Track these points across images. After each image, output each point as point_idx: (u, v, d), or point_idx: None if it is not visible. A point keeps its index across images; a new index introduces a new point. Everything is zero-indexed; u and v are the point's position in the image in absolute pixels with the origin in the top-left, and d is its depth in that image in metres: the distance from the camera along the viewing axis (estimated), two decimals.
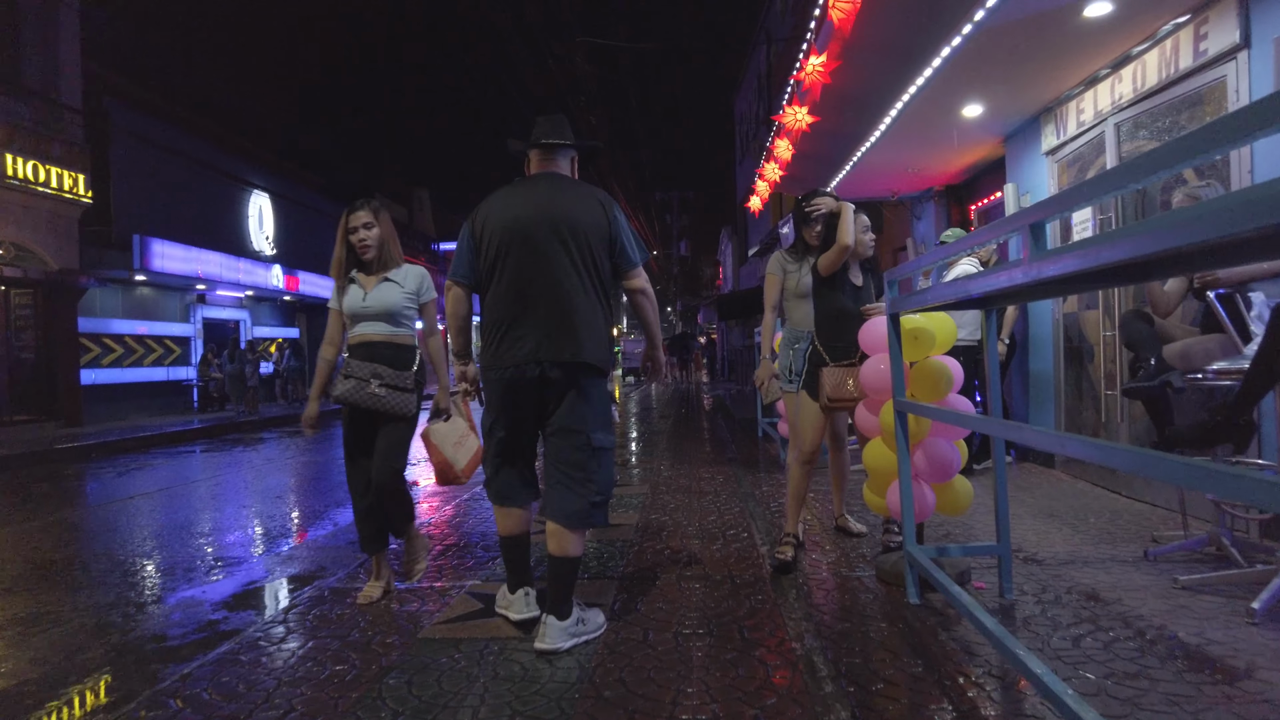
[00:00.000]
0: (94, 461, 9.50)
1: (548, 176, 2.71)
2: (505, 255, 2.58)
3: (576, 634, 2.56)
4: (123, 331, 14.55)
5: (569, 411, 2.57)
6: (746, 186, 23.19)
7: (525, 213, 2.59)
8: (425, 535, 3.74)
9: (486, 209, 2.67)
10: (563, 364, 2.53)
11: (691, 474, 6.09)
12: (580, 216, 2.58)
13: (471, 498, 5.44)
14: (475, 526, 4.51)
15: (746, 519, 4.39)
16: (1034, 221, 1.66)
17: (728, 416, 11.84)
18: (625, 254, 2.65)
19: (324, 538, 4.70)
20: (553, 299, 2.53)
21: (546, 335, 2.52)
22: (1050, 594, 2.91)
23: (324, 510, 5.67)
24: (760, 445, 7.88)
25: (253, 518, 5.46)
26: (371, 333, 3.17)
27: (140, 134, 13.49)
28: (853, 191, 8.56)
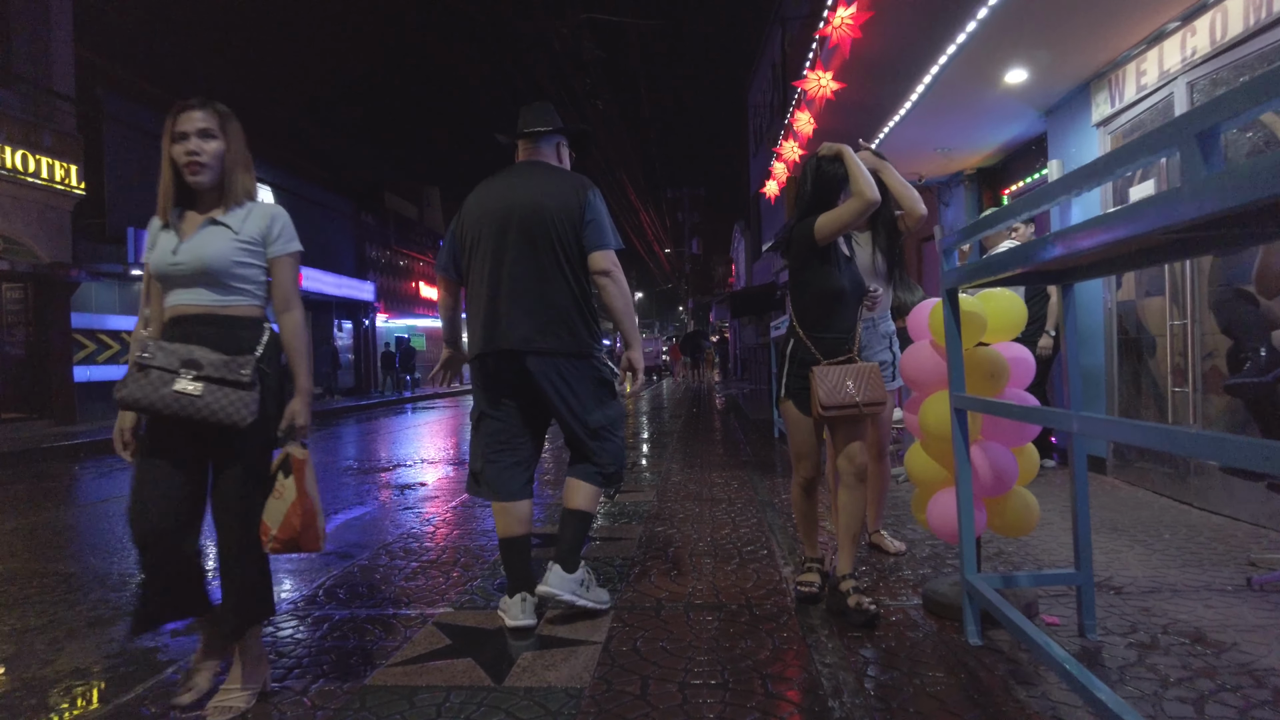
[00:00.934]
0: (80, 461, 9.09)
1: (525, 165, 2.75)
2: (477, 246, 2.65)
3: (578, 594, 2.60)
4: (119, 328, 14.18)
5: (559, 401, 2.61)
6: (761, 177, 22.63)
7: (496, 203, 2.64)
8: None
9: (468, 201, 2.74)
10: (536, 352, 2.55)
11: (703, 479, 5.57)
12: (548, 201, 2.59)
13: (459, 504, 4.94)
14: (456, 539, 4.01)
15: (765, 532, 3.87)
16: (1204, 129, 1.13)
17: (741, 417, 11.30)
18: (590, 233, 2.61)
19: None
20: (522, 287, 2.56)
21: (518, 323, 2.55)
22: (1143, 633, 2.37)
23: None
24: (776, 447, 7.34)
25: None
26: (186, 303, 2.06)
27: (136, 124, 13.10)
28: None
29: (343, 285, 20.96)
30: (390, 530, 4.37)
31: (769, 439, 8.05)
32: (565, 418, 2.63)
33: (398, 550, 3.81)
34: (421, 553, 3.74)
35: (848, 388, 2.53)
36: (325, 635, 2.63)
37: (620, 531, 3.94)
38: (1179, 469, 4.23)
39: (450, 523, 4.42)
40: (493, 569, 3.38)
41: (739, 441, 7.92)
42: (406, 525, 4.45)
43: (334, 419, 14.87)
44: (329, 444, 10.17)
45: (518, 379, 2.60)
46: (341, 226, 22.27)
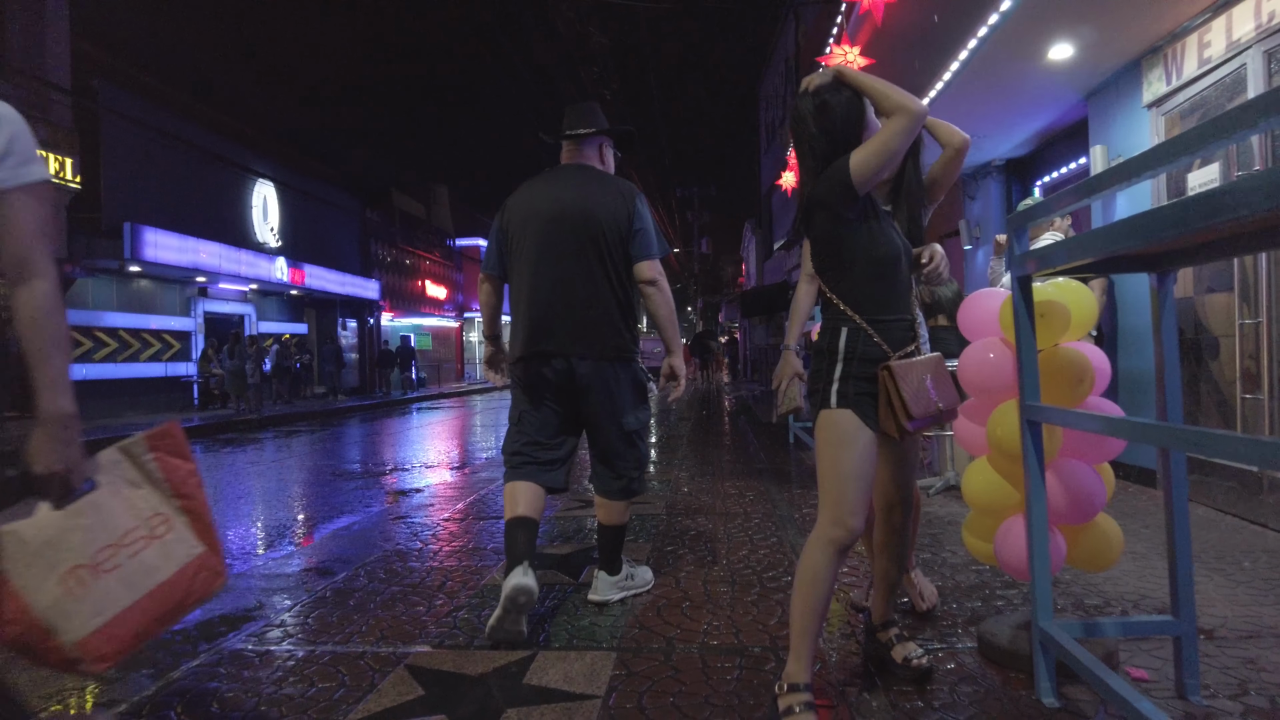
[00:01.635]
0: None
1: (571, 168, 2.75)
2: (524, 249, 2.65)
3: (625, 587, 2.84)
4: (117, 325, 13.89)
5: (598, 406, 2.64)
6: (773, 173, 22.22)
7: (544, 206, 2.64)
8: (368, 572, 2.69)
9: (512, 202, 2.74)
10: (581, 356, 2.58)
11: (715, 489, 5.17)
12: (595, 207, 2.60)
13: (454, 514, 4.56)
14: (445, 557, 3.62)
15: (787, 555, 3.46)
16: None
17: (753, 420, 10.88)
18: (638, 242, 2.64)
19: (272, 562, 3.84)
20: (569, 292, 2.58)
21: (563, 329, 2.57)
22: (1256, 694, 1.95)
23: (280, 528, 4.83)
24: (792, 453, 6.93)
25: None
26: None
27: (134, 117, 12.80)
28: None
29: (347, 283, 20.65)
30: (377, 544, 3.99)
31: (782, 444, 7.64)
32: (603, 420, 2.66)
33: (379, 570, 3.43)
34: (405, 574, 3.35)
35: (928, 391, 1.89)
36: (281, 679, 2.25)
37: (625, 551, 3.54)
38: (1247, 484, 3.80)
39: (441, 537, 4.03)
40: (480, 596, 2.99)
41: (752, 447, 7.51)
42: (394, 539, 4.07)
43: (335, 419, 14.54)
44: (327, 445, 9.83)
45: (560, 381, 2.62)
46: (346, 224, 21.96)
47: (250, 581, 3.50)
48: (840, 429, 1.87)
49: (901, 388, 1.83)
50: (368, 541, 4.11)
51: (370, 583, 3.24)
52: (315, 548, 4.07)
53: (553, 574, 3.26)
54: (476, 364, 34.26)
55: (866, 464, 1.85)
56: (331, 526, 4.96)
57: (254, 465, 8.14)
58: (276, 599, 3.15)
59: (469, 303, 32.73)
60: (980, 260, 7.69)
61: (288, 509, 5.59)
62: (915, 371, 1.89)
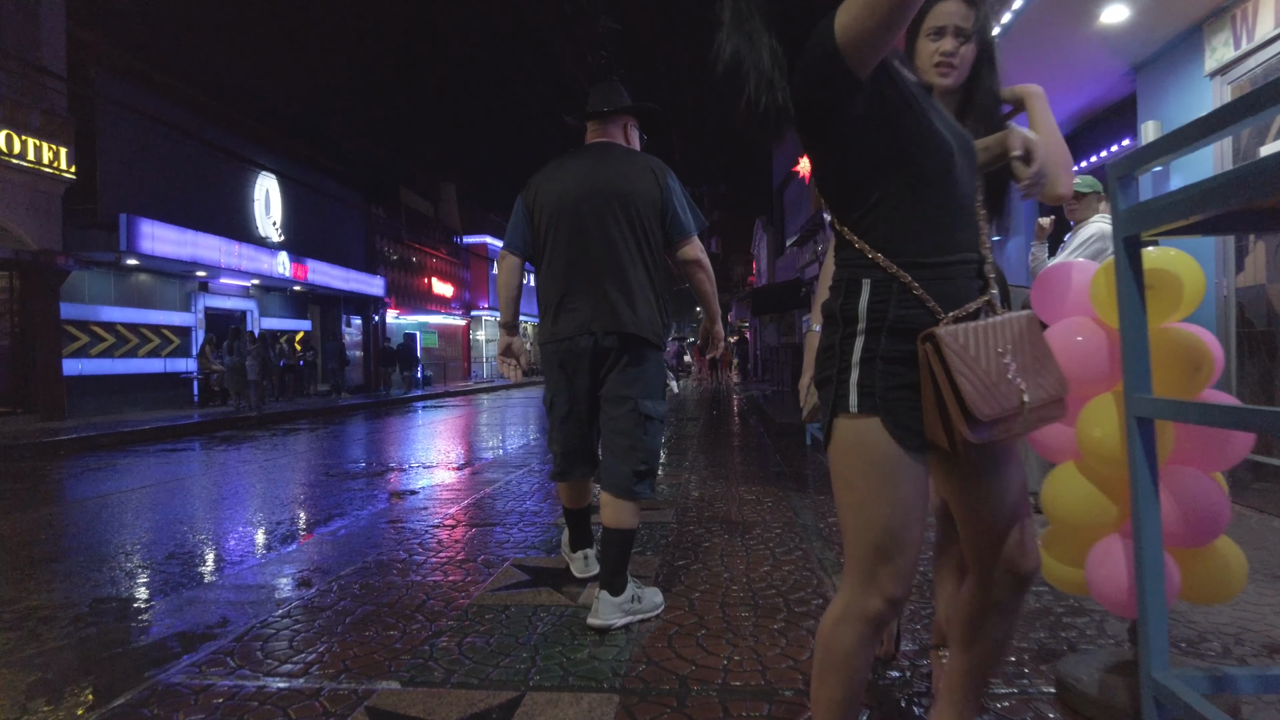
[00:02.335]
0: (58, 459, 8.45)
1: (597, 146, 2.69)
2: (555, 228, 2.59)
3: (630, 610, 2.51)
4: (114, 319, 13.59)
5: (619, 378, 2.56)
6: (785, 169, 21.79)
7: (573, 185, 2.59)
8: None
9: (538, 181, 2.68)
10: (615, 334, 2.52)
11: (729, 494, 4.76)
12: (628, 186, 2.55)
13: (448, 518, 4.17)
14: (430, 571, 3.23)
15: (815, 572, 3.05)
16: None
17: (766, 421, 10.46)
18: (677, 221, 2.59)
19: (247, 570, 3.46)
20: (603, 271, 2.53)
21: (598, 307, 2.53)
22: None
23: (264, 532, 4.46)
24: (809, 456, 6.51)
25: (154, 543, 4.25)
26: None
27: (131, 105, 12.48)
28: None
29: (351, 279, 20.33)
30: (360, 552, 3.62)
31: (799, 445, 7.23)
32: (620, 398, 2.57)
33: (355, 584, 3.04)
34: (383, 590, 2.97)
35: (1007, 374, 1.22)
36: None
37: (632, 566, 3.14)
38: None
39: (429, 546, 3.64)
40: (464, 619, 2.60)
41: (766, 449, 7.10)
42: (380, 546, 3.69)
43: (337, 417, 14.20)
44: (325, 444, 9.47)
45: (593, 364, 2.57)
46: (351, 219, 21.66)
47: (219, 593, 3.14)
48: (865, 450, 1.22)
49: (955, 370, 1.15)
50: (351, 549, 3.74)
51: (343, 600, 2.85)
52: (295, 555, 3.71)
53: (546, 592, 2.87)
54: (484, 362, 33.94)
55: (912, 504, 1.22)
56: (317, 531, 4.59)
57: (246, 465, 7.78)
58: (241, 615, 2.77)
59: (476, 300, 32.41)
60: (1011, 252, 7.25)
61: (274, 511, 5.22)
62: (983, 342, 1.20)
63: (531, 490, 5.10)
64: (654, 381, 2.62)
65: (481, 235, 32.48)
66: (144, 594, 3.25)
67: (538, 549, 3.49)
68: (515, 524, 4.06)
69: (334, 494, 5.86)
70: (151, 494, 5.98)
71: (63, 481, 6.84)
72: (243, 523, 4.82)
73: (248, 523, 4.84)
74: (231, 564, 3.80)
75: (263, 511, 5.20)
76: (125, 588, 3.36)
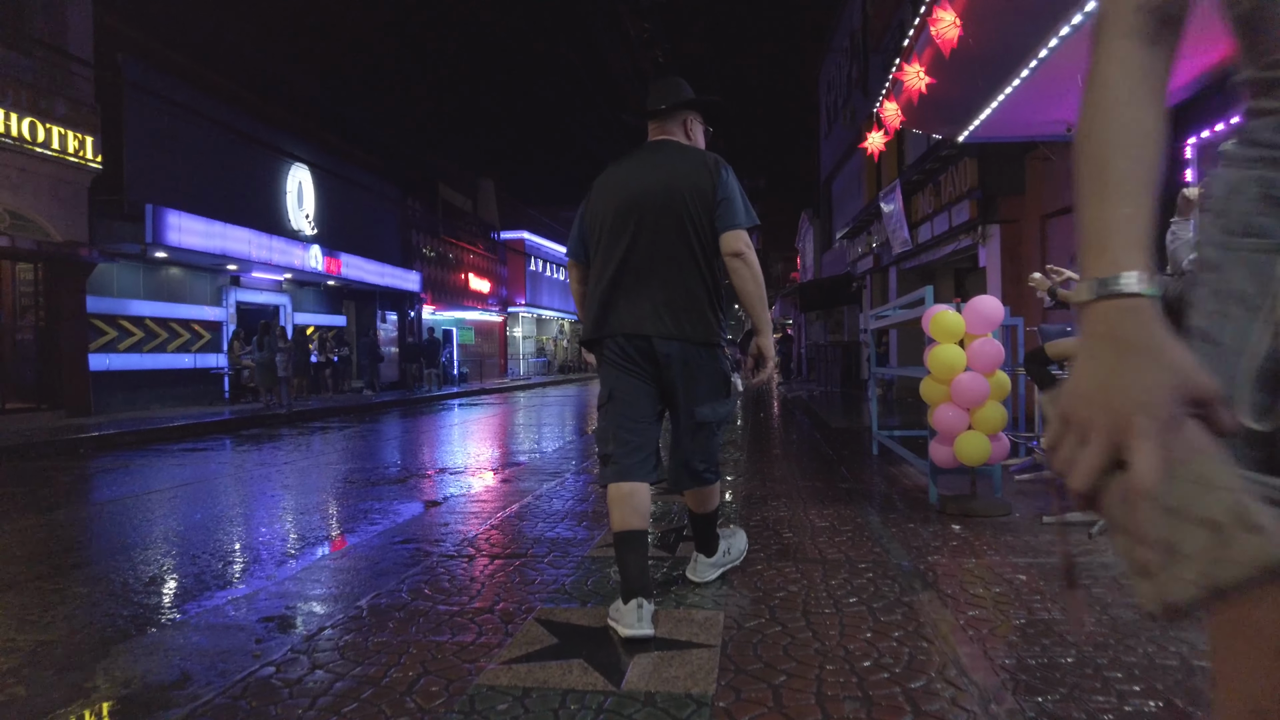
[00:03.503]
0: (75, 459, 8.05)
1: (654, 145, 2.66)
2: (605, 229, 2.57)
3: (721, 564, 2.88)
4: (143, 314, 13.32)
5: (676, 388, 2.51)
6: (833, 159, 20.87)
7: (625, 185, 2.57)
8: None
9: (597, 184, 2.67)
10: (665, 337, 2.45)
11: (797, 519, 4.02)
12: (679, 181, 2.49)
13: (475, 540, 3.51)
14: (437, 625, 2.55)
15: (935, 643, 2.29)
16: None
17: (818, 423, 9.65)
18: (723, 212, 2.48)
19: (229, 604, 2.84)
20: (653, 271, 2.48)
21: (645, 310, 2.47)
22: None
23: (260, 551, 3.85)
24: (877, 466, 5.73)
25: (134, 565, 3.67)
26: None
27: (160, 94, 12.16)
28: (1003, 128, 6.30)
29: (386, 274, 19.96)
30: (360, 587, 2.99)
31: (863, 453, 6.45)
32: (681, 407, 2.54)
33: (339, 642, 2.38)
34: (371, 655, 2.30)
35: None
36: None
37: (685, 630, 2.42)
38: None
39: (445, 586, 2.97)
40: (469, 707, 1.91)
41: (826, 459, 6.33)
42: (384, 580, 3.05)
43: (368, 415, 13.75)
44: (351, 444, 8.94)
45: (646, 362, 2.51)
46: (386, 213, 21.31)
47: (188, 636, 2.55)
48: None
49: None
50: (352, 581, 3.11)
51: (317, 669, 2.19)
52: (289, 585, 3.10)
53: (578, 668, 2.17)
54: (520, 359, 33.54)
55: None
56: (317, 553, 3.99)
57: (262, 468, 7.27)
58: (199, 675, 2.16)
59: (514, 297, 32.01)
60: None
61: (279, 524, 4.64)
62: None
63: (565, 510, 4.42)
64: (714, 385, 2.55)
65: (519, 231, 32.05)
66: (90, 634, 2.64)
67: (569, 596, 2.80)
68: (544, 556, 3.38)
69: (347, 503, 5.27)
70: (152, 502, 5.45)
71: (67, 485, 6.38)
72: (240, 540, 4.23)
73: (246, 539, 4.25)
74: (212, 594, 3.20)
75: (267, 523, 4.62)
76: (78, 622, 2.75)
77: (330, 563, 3.50)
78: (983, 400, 3.91)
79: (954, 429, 3.96)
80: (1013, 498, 4.42)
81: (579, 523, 4.04)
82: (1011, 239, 8.72)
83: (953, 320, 3.98)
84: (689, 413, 2.52)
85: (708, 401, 2.53)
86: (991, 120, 5.82)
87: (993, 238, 8.95)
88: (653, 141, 2.69)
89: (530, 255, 33.27)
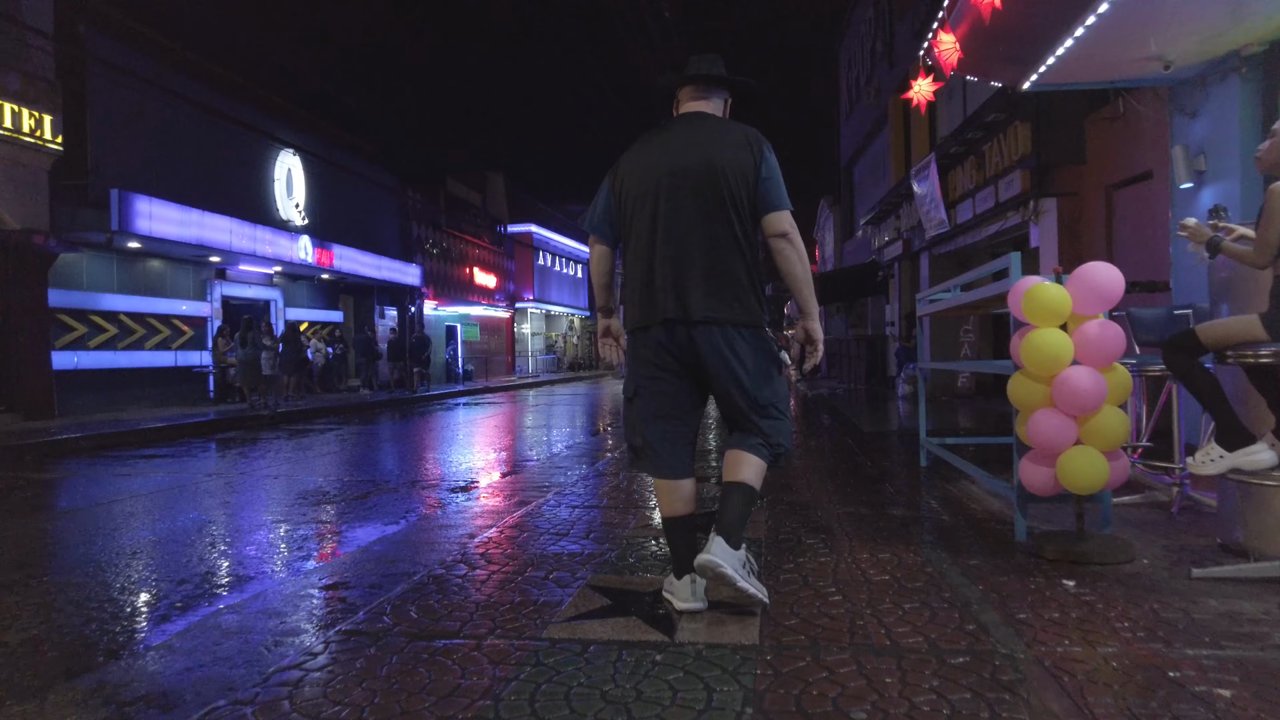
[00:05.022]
0: (13, 469, 7.11)
1: (691, 117, 2.52)
2: (641, 206, 2.46)
3: (740, 574, 2.26)
4: (117, 308, 12.44)
5: (726, 375, 2.38)
6: (854, 142, 19.69)
7: (661, 159, 2.44)
8: None
9: (626, 158, 2.54)
10: (706, 322, 2.35)
11: (846, 574, 2.96)
12: (722, 159, 2.37)
13: (437, 578, 2.50)
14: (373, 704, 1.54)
15: None
16: None
17: (848, 427, 8.57)
18: (766, 192, 2.38)
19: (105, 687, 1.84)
20: (692, 252, 2.37)
21: (688, 291, 2.36)
22: None
23: (167, 594, 2.86)
24: (930, 483, 4.67)
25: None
26: None
27: (128, 70, 11.22)
28: (1080, 70, 5.20)
29: (384, 267, 19.02)
30: (262, 656, 2.01)
31: (908, 464, 5.39)
32: (732, 393, 2.40)
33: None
34: None
35: None
36: None
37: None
38: None
39: (380, 667, 1.96)
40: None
41: (869, 474, 5.26)
42: (299, 636, 2.06)
43: (358, 417, 12.81)
44: (326, 450, 7.95)
45: (683, 351, 2.39)
46: (385, 204, 20.38)
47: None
48: None
49: None
50: (249, 651, 2.12)
51: None
52: (179, 645, 2.24)
53: None
54: (529, 356, 32.60)
55: None
56: (224, 602, 3.01)
57: (213, 478, 6.32)
58: None
59: (521, 292, 31.05)
60: (1207, 202, 5.24)
61: (185, 561, 3.64)
62: None
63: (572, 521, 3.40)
64: (765, 366, 2.41)
65: (527, 224, 31.08)
66: None
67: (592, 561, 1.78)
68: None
69: (293, 525, 4.29)
70: (57, 528, 4.48)
71: (82, 484, 5.44)
72: (121, 589, 3.23)
73: (157, 577, 3.27)
74: (79, 674, 2.20)
75: (167, 566, 3.61)
76: None
77: (232, 615, 2.54)
78: (1098, 404, 2.85)
79: (1058, 443, 2.90)
80: (1120, 528, 3.36)
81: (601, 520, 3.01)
82: (1070, 214, 7.59)
83: (1055, 297, 2.91)
84: (751, 398, 2.39)
85: (765, 385, 2.42)
86: (1069, 57, 4.72)
87: (1048, 213, 7.81)
88: (690, 114, 2.53)
89: (539, 249, 32.30)
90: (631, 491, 4.66)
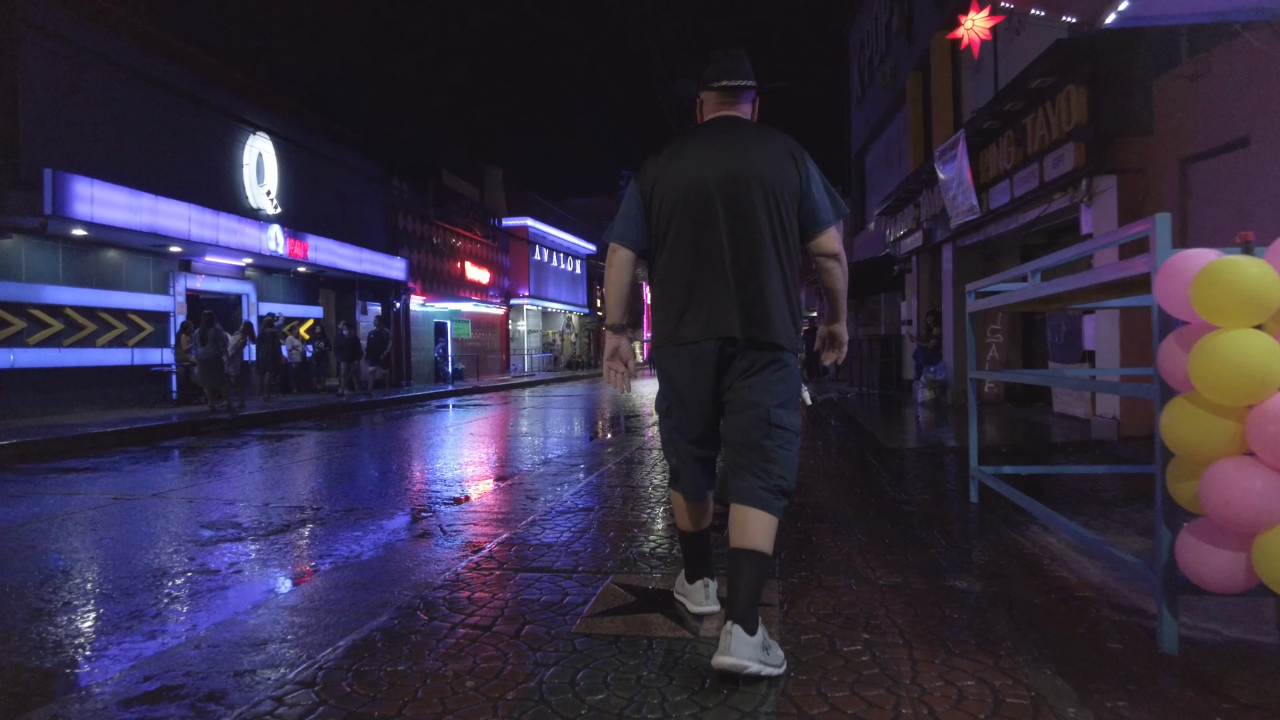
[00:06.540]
0: None
1: (727, 123, 2.37)
2: (678, 218, 2.30)
3: (764, 662, 2.01)
4: (62, 301, 11.35)
5: (747, 385, 2.26)
6: (864, 131, 18.56)
7: (702, 168, 2.28)
8: None
9: (657, 165, 2.37)
10: (746, 342, 2.22)
11: (891, 704, 1.88)
12: (767, 170, 2.24)
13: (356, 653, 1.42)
14: None
15: None
16: None
17: (868, 443, 7.46)
18: (815, 210, 2.27)
19: None
20: (734, 267, 2.24)
21: (727, 309, 2.23)
22: None
23: None
24: (990, 530, 3.57)
25: None
26: None
27: (63, 36, 10.14)
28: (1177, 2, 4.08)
29: (365, 260, 17.91)
30: None
31: (953, 498, 4.30)
32: (747, 413, 2.25)
33: None
34: None
35: None
36: None
37: None
38: None
39: None
40: None
41: (906, 515, 4.16)
42: None
43: (326, 420, 11.73)
44: (274, 461, 6.86)
45: (716, 369, 2.28)
46: (368, 194, 19.27)
47: None
48: None
49: None
50: None
51: None
52: None
53: None
54: (524, 354, 31.50)
55: None
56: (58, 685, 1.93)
57: (123, 502, 5.23)
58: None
59: (516, 288, 29.95)
60: None
61: (62, 613, 2.55)
62: None
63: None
64: (788, 389, 2.31)
65: (522, 218, 29.95)
66: None
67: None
68: None
69: (164, 580, 3.18)
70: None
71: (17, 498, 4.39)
72: None
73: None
74: None
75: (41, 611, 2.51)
76: None
77: None
78: None
79: (1257, 513, 1.80)
80: None
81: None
82: (1132, 194, 6.45)
83: (1255, 279, 1.81)
84: (765, 413, 2.22)
85: (781, 405, 2.26)
86: None
87: (1105, 193, 6.67)
88: (724, 119, 2.38)
89: (535, 244, 31.18)
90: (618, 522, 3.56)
